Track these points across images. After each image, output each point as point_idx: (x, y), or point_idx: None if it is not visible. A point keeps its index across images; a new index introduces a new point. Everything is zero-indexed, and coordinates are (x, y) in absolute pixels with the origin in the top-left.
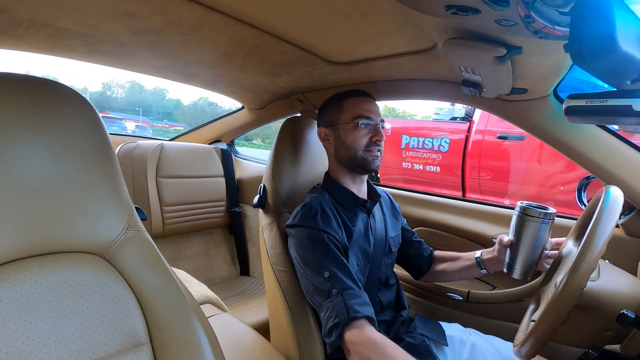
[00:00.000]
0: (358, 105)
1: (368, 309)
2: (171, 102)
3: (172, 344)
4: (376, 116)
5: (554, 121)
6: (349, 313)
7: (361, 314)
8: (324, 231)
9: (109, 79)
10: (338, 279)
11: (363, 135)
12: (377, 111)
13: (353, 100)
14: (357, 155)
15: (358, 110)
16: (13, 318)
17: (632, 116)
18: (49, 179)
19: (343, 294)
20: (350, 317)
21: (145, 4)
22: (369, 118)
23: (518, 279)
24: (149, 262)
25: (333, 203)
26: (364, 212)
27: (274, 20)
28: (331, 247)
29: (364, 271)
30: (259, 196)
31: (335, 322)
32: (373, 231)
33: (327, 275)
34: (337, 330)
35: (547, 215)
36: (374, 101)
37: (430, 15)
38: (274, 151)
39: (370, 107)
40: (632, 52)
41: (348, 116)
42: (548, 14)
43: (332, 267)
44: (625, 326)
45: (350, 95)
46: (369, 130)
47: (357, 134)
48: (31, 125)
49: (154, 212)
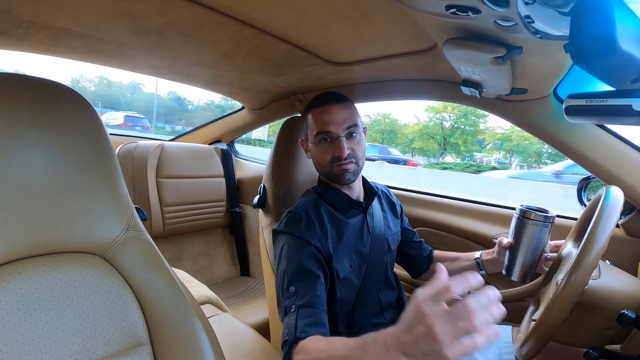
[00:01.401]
0: (318, 119)
1: (318, 329)
2: (141, 96)
3: (172, 344)
4: (337, 127)
5: (554, 121)
6: (296, 332)
7: (306, 334)
8: (304, 240)
9: (78, 74)
10: (299, 296)
11: (325, 150)
12: (338, 120)
13: (315, 112)
14: (327, 171)
15: (318, 124)
16: (13, 318)
17: (632, 116)
18: (49, 179)
19: (299, 311)
20: (296, 337)
21: (145, 4)
22: (329, 132)
23: (517, 281)
24: (149, 262)
25: (325, 206)
26: (360, 212)
27: (274, 20)
28: (305, 260)
29: (359, 272)
30: (259, 196)
31: (285, 339)
32: (370, 230)
33: (293, 290)
34: (285, 347)
35: (546, 219)
36: (337, 106)
37: (430, 15)
38: (274, 151)
39: (330, 118)
40: (632, 52)
41: (312, 132)
42: (548, 14)
43: (299, 282)
44: (625, 326)
45: (313, 106)
46: (329, 144)
47: (321, 149)
48: (31, 125)
49: (154, 213)
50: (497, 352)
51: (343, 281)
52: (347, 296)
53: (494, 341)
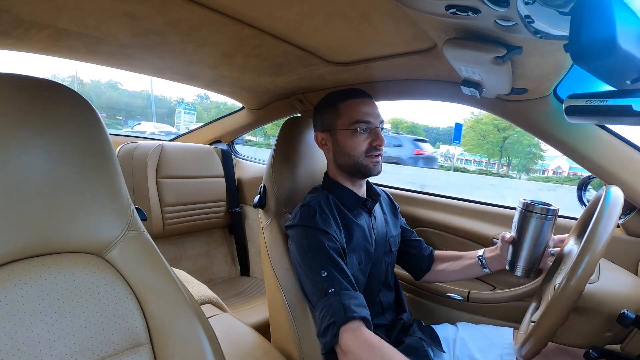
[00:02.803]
0: (355, 109)
1: (365, 310)
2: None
3: (172, 344)
4: (375, 118)
5: (554, 121)
6: (345, 313)
7: (358, 314)
8: (322, 231)
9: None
10: (336, 279)
11: (362, 140)
12: (376, 113)
13: (350, 102)
14: (358, 162)
15: (356, 114)
16: (13, 318)
17: (632, 116)
18: (49, 180)
19: (340, 294)
20: (347, 317)
21: (145, 4)
22: (368, 122)
23: (520, 276)
24: (149, 262)
25: (334, 202)
26: (366, 211)
27: (274, 20)
28: (329, 248)
29: (365, 271)
30: (259, 196)
31: (331, 322)
32: (374, 230)
33: (325, 274)
34: (332, 329)
35: (549, 212)
36: (372, 101)
37: (430, 15)
38: (274, 151)
39: (369, 110)
40: (632, 52)
41: (346, 121)
42: (548, 14)
43: (330, 267)
44: (625, 326)
45: (347, 97)
46: (368, 134)
47: (356, 140)
48: (31, 125)
49: (154, 213)
50: (499, 354)
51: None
52: None
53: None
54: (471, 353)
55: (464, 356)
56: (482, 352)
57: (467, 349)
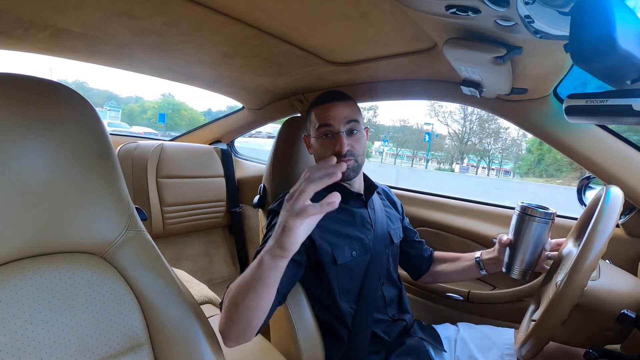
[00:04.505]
0: (320, 114)
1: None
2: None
3: (172, 344)
4: (338, 122)
5: (554, 121)
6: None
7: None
8: None
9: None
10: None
11: (326, 145)
12: (340, 116)
13: (318, 108)
14: None
15: (319, 119)
16: (13, 318)
17: (632, 116)
18: (49, 180)
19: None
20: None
21: (145, 4)
22: (329, 125)
23: (516, 278)
24: (149, 262)
25: (324, 194)
26: (361, 204)
27: (274, 20)
28: None
29: (361, 262)
30: (259, 196)
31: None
32: (373, 223)
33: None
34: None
35: (547, 215)
36: (339, 104)
37: (430, 15)
38: (274, 151)
39: (331, 113)
40: (632, 52)
41: (314, 127)
42: (548, 14)
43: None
44: (625, 326)
45: (315, 103)
46: (330, 140)
47: (321, 145)
48: (31, 125)
49: (154, 213)
50: (499, 354)
51: (342, 268)
52: (348, 286)
53: None
54: (472, 353)
55: (465, 356)
56: (483, 352)
57: (468, 349)
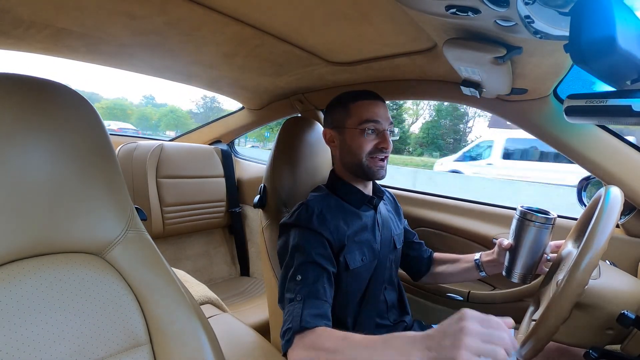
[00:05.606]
0: (366, 109)
1: (323, 321)
2: None
3: (172, 344)
4: (384, 121)
5: (554, 121)
6: (301, 322)
7: (312, 325)
8: (316, 232)
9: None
10: (306, 286)
11: (369, 141)
12: (385, 115)
13: (361, 103)
14: (361, 162)
15: (365, 114)
16: (13, 318)
17: (632, 116)
18: (49, 180)
19: (305, 301)
20: (301, 326)
21: (145, 4)
22: (377, 122)
23: (517, 282)
24: (149, 262)
25: (336, 203)
26: (371, 208)
27: (274, 20)
28: (316, 252)
29: (369, 267)
30: (259, 196)
31: (288, 327)
32: (380, 228)
33: (299, 279)
34: (288, 334)
35: (547, 220)
36: (383, 104)
37: (430, 15)
38: (274, 151)
39: (379, 111)
40: (632, 52)
41: (355, 120)
42: (548, 14)
43: (308, 272)
44: (625, 326)
45: (359, 98)
46: (375, 136)
47: (363, 140)
48: (31, 125)
49: (154, 213)
50: None
51: (352, 274)
52: (354, 290)
53: None
54: None
55: None
56: None
57: None
